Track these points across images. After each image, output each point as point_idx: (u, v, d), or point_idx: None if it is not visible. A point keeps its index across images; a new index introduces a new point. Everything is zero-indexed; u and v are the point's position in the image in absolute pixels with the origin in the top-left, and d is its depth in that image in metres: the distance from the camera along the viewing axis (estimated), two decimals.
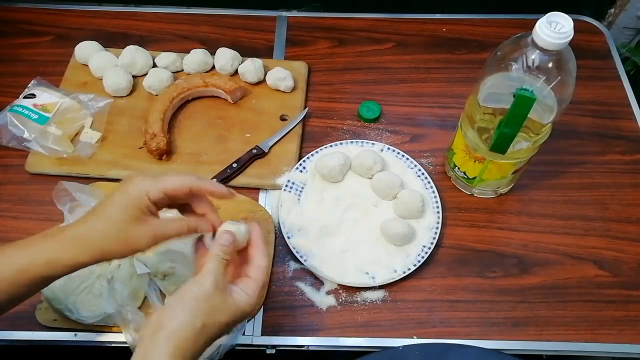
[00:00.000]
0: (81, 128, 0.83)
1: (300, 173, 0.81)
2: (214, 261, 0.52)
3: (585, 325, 0.71)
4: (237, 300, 0.52)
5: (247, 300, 0.52)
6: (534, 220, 0.79)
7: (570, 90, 0.62)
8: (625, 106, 0.91)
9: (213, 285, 0.50)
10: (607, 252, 0.77)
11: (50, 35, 0.97)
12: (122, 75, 0.86)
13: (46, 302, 0.68)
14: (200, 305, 0.49)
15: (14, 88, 0.86)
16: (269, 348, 0.69)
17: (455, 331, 0.70)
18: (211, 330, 0.50)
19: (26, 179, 0.80)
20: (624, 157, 0.85)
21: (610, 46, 0.98)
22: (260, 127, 0.85)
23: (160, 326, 0.48)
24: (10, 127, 0.81)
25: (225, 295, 0.51)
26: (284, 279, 0.74)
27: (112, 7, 1.02)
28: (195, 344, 0.48)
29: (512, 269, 0.75)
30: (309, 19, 1.01)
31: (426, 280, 0.74)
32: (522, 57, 0.60)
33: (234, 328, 0.56)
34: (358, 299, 0.72)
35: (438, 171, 0.83)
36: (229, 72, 0.90)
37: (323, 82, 0.93)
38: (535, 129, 0.66)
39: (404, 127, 0.88)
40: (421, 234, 0.76)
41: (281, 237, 0.75)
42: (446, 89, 0.92)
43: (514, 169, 0.73)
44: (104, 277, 0.67)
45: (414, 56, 0.96)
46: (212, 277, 0.50)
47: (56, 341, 0.68)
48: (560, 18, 0.58)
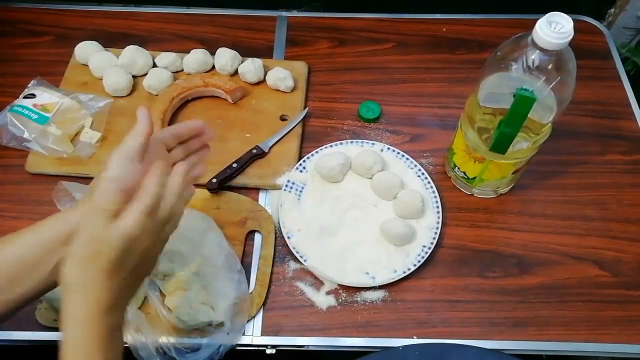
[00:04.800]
0: (81, 128, 0.83)
1: (300, 173, 0.81)
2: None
3: (585, 325, 0.71)
4: (122, 220, 0.45)
5: (130, 217, 0.45)
6: (534, 220, 0.79)
7: (570, 90, 0.62)
8: (625, 106, 0.91)
9: (98, 208, 0.45)
10: (607, 252, 0.77)
11: (50, 35, 0.97)
12: (122, 75, 0.86)
13: (46, 302, 0.68)
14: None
15: (14, 88, 0.86)
16: (269, 348, 0.69)
17: (455, 331, 0.70)
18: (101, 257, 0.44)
19: (26, 179, 0.80)
20: (624, 157, 0.85)
21: (610, 46, 0.98)
22: (260, 127, 0.85)
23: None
24: (10, 127, 0.81)
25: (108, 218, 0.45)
26: (284, 279, 0.74)
27: (112, 7, 1.02)
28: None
29: (512, 269, 0.75)
30: (309, 19, 1.01)
31: (426, 280, 0.74)
32: (522, 57, 0.60)
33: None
34: (358, 299, 0.72)
35: (438, 171, 0.83)
36: (229, 72, 0.90)
37: (323, 82, 0.93)
38: (535, 129, 0.66)
39: (404, 127, 0.88)
40: (421, 234, 0.76)
41: (281, 237, 0.75)
42: (446, 89, 0.92)
43: (514, 169, 0.73)
44: None
45: (414, 56, 0.96)
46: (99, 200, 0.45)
47: (56, 341, 0.68)
48: (560, 18, 0.58)
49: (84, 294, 0.45)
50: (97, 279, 0.44)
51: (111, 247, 0.44)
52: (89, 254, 0.44)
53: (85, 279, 0.45)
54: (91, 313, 0.45)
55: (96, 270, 0.44)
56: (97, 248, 0.44)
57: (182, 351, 0.65)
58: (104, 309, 0.45)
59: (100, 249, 0.44)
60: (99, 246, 0.44)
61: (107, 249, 0.44)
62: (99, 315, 0.45)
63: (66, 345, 0.45)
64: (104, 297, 0.45)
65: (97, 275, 0.44)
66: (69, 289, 0.45)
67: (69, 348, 0.45)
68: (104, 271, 0.44)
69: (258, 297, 0.71)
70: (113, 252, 0.44)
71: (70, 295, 0.45)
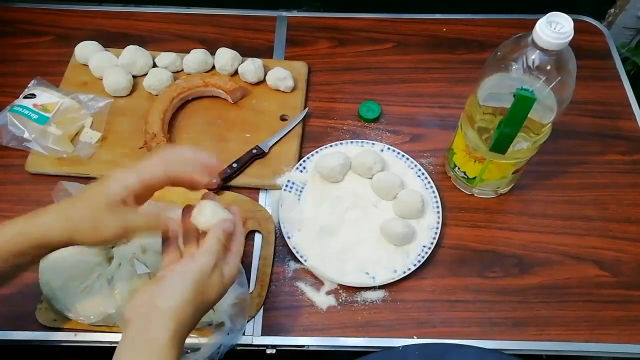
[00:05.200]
0: (81, 128, 0.83)
1: (300, 173, 0.81)
2: (216, 244, 0.54)
3: (585, 325, 0.71)
4: (225, 275, 0.54)
5: (230, 272, 0.55)
6: (534, 220, 0.79)
7: (570, 90, 0.62)
8: (625, 106, 0.91)
9: (212, 265, 0.53)
10: (607, 252, 0.77)
11: (50, 35, 0.97)
12: (122, 75, 0.86)
13: (46, 302, 0.68)
14: (200, 284, 0.52)
15: (14, 88, 0.86)
16: (269, 348, 0.69)
17: (455, 331, 0.70)
18: (207, 306, 0.53)
19: (26, 179, 0.80)
20: (624, 157, 0.85)
21: (610, 46, 0.98)
22: (260, 127, 0.85)
23: (154, 306, 0.50)
24: (10, 127, 0.81)
25: (219, 273, 0.54)
26: (284, 279, 0.74)
27: (112, 7, 1.02)
28: (194, 319, 0.52)
29: (512, 269, 0.75)
30: (309, 19, 1.01)
31: (426, 280, 0.74)
32: (522, 57, 0.60)
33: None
34: (358, 299, 0.72)
35: (438, 171, 0.83)
36: (229, 72, 0.90)
37: (323, 82, 0.93)
38: (535, 129, 0.66)
39: (404, 127, 0.88)
40: (421, 234, 0.76)
41: (281, 237, 0.75)
42: (446, 89, 0.92)
43: (514, 169, 0.73)
44: (104, 277, 0.67)
45: (414, 56, 0.96)
46: (212, 257, 0.53)
47: (56, 341, 0.68)
48: (560, 18, 0.58)
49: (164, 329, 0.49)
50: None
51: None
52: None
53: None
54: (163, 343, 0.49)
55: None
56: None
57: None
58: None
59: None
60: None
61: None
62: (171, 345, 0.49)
63: None
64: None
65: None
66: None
67: None
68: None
69: (258, 297, 0.71)
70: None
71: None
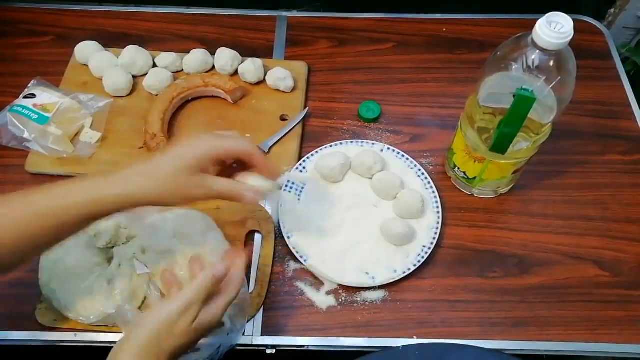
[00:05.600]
0: (81, 128, 0.83)
1: (300, 173, 0.81)
2: (192, 290, 0.54)
3: (585, 325, 0.71)
4: (200, 320, 0.54)
5: (208, 317, 0.55)
6: (534, 220, 0.79)
7: (570, 90, 0.62)
8: (625, 106, 0.91)
9: (181, 310, 0.52)
10: (607, 252, 0.77)
11: (50, 35, 0.97)
12: (122, 75, 0.86)
13: (46, 302, 0.68)
14: (162, 331, 0.52)
15: (14, 88, 0.86)
16: (269, 348, 0.69)
17: (455, 331, 0.70)
18: (175, 350, 0.53)
19: (26, 179, 0.80)
20: (624, 157, 0.85)
21: (610, 46, 0.98)
22: (260, 127, 0.85)
23: (127, 339, 0.52)
24: (10, 127, 0.81)
25: (189, 319, 0.53)
26: (284, 279, 0.74)
27: (112, 7, 1.01)
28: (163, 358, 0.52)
29: (512, 269, 0.75)
30: (309, 19, 1.01)
31: (426, 280, 0.74)
32: (522, 57, 0.60)
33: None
34: (358, 299, 0.72)
35: (438, 171, 0.83)
36: (229, 72, 0.90)
37: (323, 82, 0.93)
38: (535, 129, 0.66)
39: (404, 127, 0.88)
40: (421, 234, 0.76)
41: (281, 237, 0.75)
42: (446, 89, 0.92)
43: (514, 169, 0.73)
44: (104, 277, 0.67)
45: (414, 56, 0.96)
46: (181, 303, 0.53)
47: (56, 341, 0.68)
48: (560, 18, 0.58)
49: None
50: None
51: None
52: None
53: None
54: None
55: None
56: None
57: None
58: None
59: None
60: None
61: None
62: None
63: None
64: None
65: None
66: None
67: None
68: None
69: (258, 297, 0.71)
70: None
71: None
